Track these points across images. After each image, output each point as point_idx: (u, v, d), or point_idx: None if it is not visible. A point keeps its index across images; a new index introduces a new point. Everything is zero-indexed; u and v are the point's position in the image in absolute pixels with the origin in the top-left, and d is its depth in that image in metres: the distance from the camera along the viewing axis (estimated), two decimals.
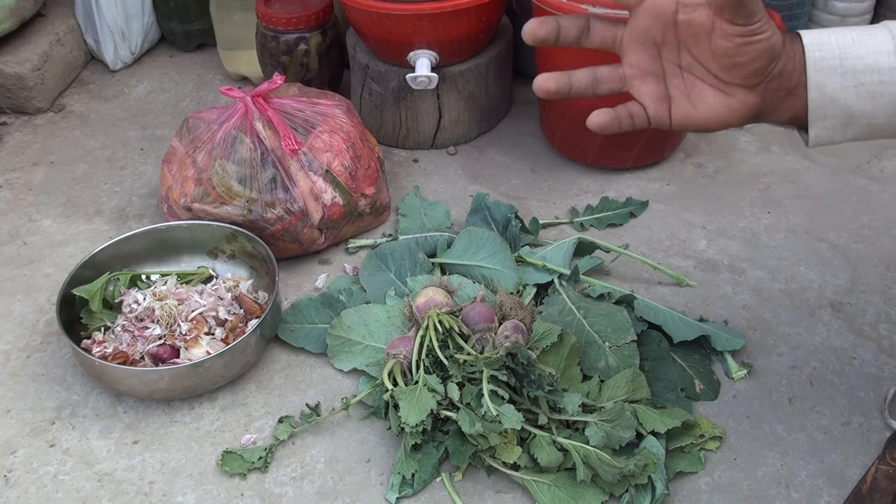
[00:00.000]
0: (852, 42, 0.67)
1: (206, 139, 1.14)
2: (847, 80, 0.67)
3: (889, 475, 0.87)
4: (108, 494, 0.91)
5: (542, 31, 0.70)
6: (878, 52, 0.67)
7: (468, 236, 1.14)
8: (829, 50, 0.67)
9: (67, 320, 1.01)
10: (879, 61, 0.67)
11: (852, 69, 0.67)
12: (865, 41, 0.67)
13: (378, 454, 0.93)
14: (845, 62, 0.67)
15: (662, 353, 0.99)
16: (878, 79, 0.67)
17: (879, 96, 0.68)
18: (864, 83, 0.67)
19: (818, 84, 0.68)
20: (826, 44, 0.67)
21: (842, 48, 0.67)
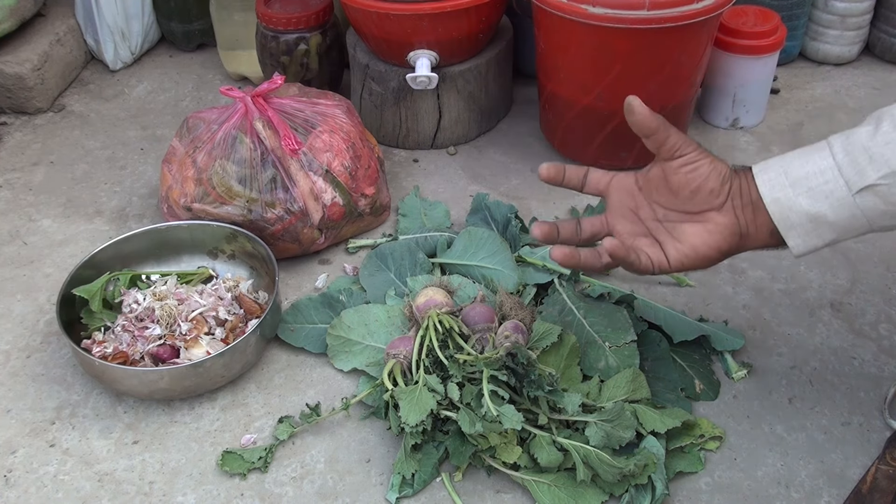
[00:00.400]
0: (793, 157, 0.76)
1: (206, 139, 1.14)
2: (797, 188, 0.75)
3: (889, 475, 0.87)
4: (108, 494, 0.91)
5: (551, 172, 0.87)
6: (818, 160, 0.75)
7: (468, 236, 1.14)
8: (774, 168, 0.77)
9: (67, 320, 1.01)
10: (821, 166, 0.74)
11: (796, 178, 0.75)
12: (806, 155, 0.76)
13: (378, 454, 0.94)
14: (790, 173, 0.76)
15: (662, 353, 0.99)
16: (822, 179, 0.74)
17: (830, 194, 0.74)
18: (812, 187, 0.74)
19: (774, 199, 0.76)
20: (770, 164, 0.77)
21: (784, 164, 0.76)
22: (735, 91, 1.39)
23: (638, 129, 0.80)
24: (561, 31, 1.21)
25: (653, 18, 1.12)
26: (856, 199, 0.73)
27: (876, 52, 1.62)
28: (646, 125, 0.79)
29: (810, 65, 1.62)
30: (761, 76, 1.39)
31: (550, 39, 1.25)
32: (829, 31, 1.57)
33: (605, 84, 1.22)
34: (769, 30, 1.35)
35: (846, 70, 1.60)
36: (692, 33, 1.18)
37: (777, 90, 1.53)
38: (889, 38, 1.58)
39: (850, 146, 0.73)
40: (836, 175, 0.73)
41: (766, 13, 1.37)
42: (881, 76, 1.58)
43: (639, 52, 1.17)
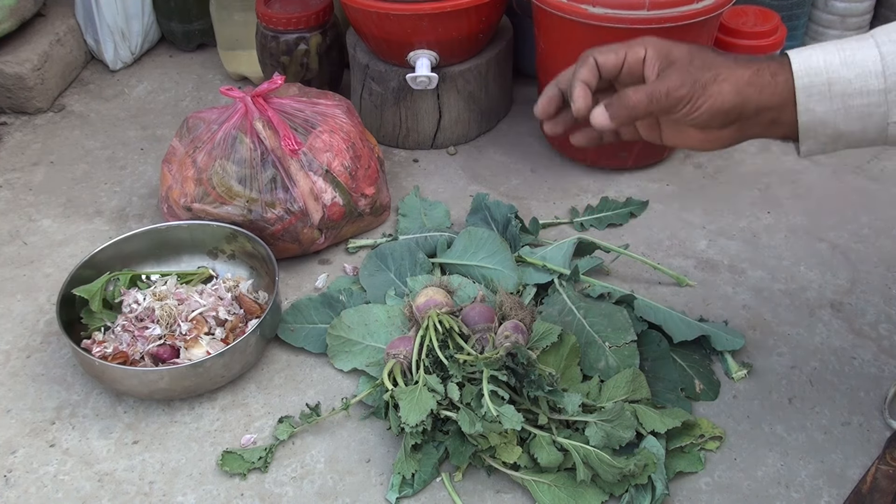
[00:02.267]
0: (840, 64, 0.69)
1: (206, 139, 1.14)
2: (836, 103, 0.69)
3: (889, 475, 0.87)
4: (108, 494, 0.91)
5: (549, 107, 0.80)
6: (866, 75, 0.69)
7: (468, 236, 1.14)
8: (818, 75, 0.70)
9: (67, 320, 1.01)
10: (868, 84, 0.69)
11: (841, 93, 0.69)
12: (854, 62, 0.69)
13: (378, 454, 0.93)
14: (834, 87, 0.69)
15: (662, 353, 0.99)
16: (866, 101, 0.69)
17: (868, 117, 0.69)
18: (853, 106, 0.69)
19: (808, 109, 0.70)
20: (814, 68, 0.70)
21: (830, 72, 0.69)
22: None
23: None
24: (561, 31, 1.21)
25: (653, 18, 1.12)
26: (889, 127, 0.70)
27: None
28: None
29: None
30: None
31: (550, 39, 1.25)
32: (829, 31, 1.57)
33: None
34: (769, 30, 1.35)
35: None
36: (692, 33, 1.18)
37: None
38: None
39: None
40: (880, 100, 0.68)
41: (766, 13, 1.37)
42: None
43: None
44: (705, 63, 0.72)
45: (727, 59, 0.72)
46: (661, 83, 0.72)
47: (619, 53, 0.74)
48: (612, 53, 0.75)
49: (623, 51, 0.74)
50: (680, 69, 0.72)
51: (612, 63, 0.75)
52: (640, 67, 0.74)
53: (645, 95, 0.72)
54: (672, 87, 0.71)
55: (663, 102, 0.72)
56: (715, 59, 0.72)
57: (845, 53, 0.69)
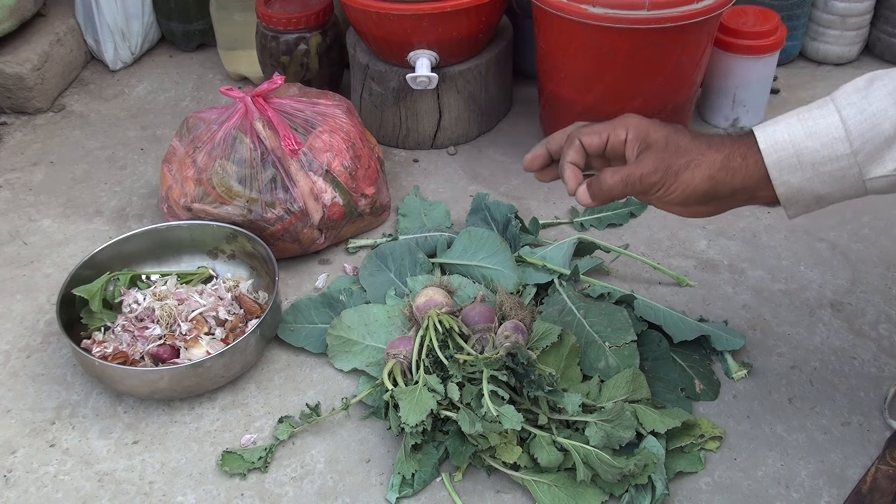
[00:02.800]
0: (805, 136, 0.72)
1: (206, 139, 1.14)
2: (808, 172, 0.73)
3: (889, 475, 0.87)
4: (108, 494, 0.91)
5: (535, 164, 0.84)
6: (831, 142, 0.72)
7: (468, 236, 1.14)
8: (785, 149, 0.73)
9: (67, 320, 1.01)
10: (835, 150, 0.72)
11: (811, 162, 0.72)
12: (817, 132, 0.72)
13: (378, 454, 0.93)
14: (803, 158, 0.73)
15: (662, 353, 0.99)
16: (836, 165, 0.72)
17: (842, 179, 0.72)
18: (826, 171, 0.72)
19: (783, 182, 0.74)
20: (780, 143, 0.73)
21: (796, 145, 0.73)
22: (735, 91, 1.39)
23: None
24: (561, 31, 1.21)
25: (653, 18, 1.12)
26: (866, 183, 0.72)
27: (876, 52, 1.62)
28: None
29: (810, 65, 1.62)
30: (761, 76, 1.39)
31: (550, 39, 1.25)
32: (829, 30, 1.57)
33: (605, 84, 1.22)
34: (769, 30, 1.35)
35: (846, 70, 1.60)
36: (692, 33, 1.18)
37: (777, 90, 1.53)
38: (889, 38, 1.58)
39: (864, 126, 0.71)
40: (850, 163, 0.71)
41: (766, 13, 1.37)
42: None
43: (639, 52, 1.17)
44: (679, 149, 0.76)
45: (700, 144, 0.76)
46: (636, 168, 0.76)
47: (602, 136, 0.79)
48: (596, 136, 0.79)
49: (606, 133, 0.79)
50: (654, 154, 0.76)
51: (595, 144, 0.80)
52: (622, 148, 0.79)
53: (620, 180, 0.76)
54: (645, 174, 0.76)
55: (637, 187, 0.76)
56: (689, 144, 0.76)
57: (807, 125, 0.73)
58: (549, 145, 0.83)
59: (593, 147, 0.80)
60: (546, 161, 0.83)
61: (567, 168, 0.80)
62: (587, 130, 0.80)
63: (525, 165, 0.84)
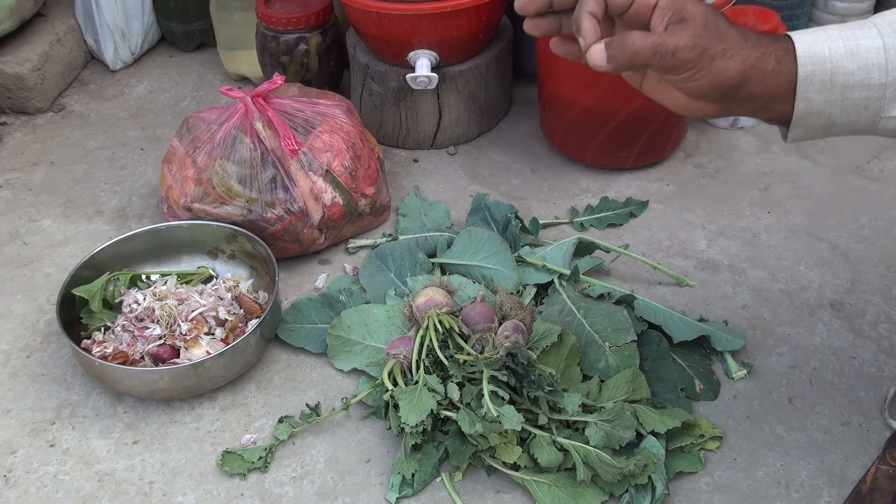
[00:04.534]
0: (846, 53, 0.67)
1: (206, 139, 1.14)
2: (835, 94, 0.68)
3: (889, 475, 0.87)
4: (108, 494, 0.91)
5: None
6: (869, 67, 0.67)
7: (468, 236, 1.14)
8: (822, 64, 0.68)
9: (67, 320, 1.01)
10: (869, 77, 0.67)
11: (842, 84, 0.68)
12: (858, 53, 0.67)
13: (378, 454, 0.93)
14: (836, 77, 0.68)
15: (662, 353, 0.99)
16: (865, 94, 0.68)
17: (863, 110, 0.69)
18: (852, 98, 0.68)
19: (806, 98, 0.69)
20: (819, 56, 0.68)
21: (834, 62, 0.68)
22: None
23: None
24: None
25: None
26: (881, 121, 0.69)
27: None
28: None
29: None
30: None
31: None
32: None
33: (605, 84, 1.22)
34: (769, 30, 1.35)
35: None
36: None
37: None
38: None
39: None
40: (879, 94, 0.67)
41: (766, 13, 1.37)
42: None
43: None
44: (719, 32, 0.67)
45: (738, 35, 0.68)
46: (670, 38, 0.66)
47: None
48: None
49: None
50: (692, 30, 0.67)
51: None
52: (647, 13, 0.68)
53: (650, 45, 0.66)
54: (681, 48, 0.66)
55: (667, 60, 0.66)
56: (728, 30, 0.68)
57: (850, 43, 0.67)
58: None
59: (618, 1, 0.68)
60: (545, 6, 0.72)
61: (585, 18, 0.67)
62: None
63: (518, 5, 0.72)
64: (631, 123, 1.26)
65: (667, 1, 0.67)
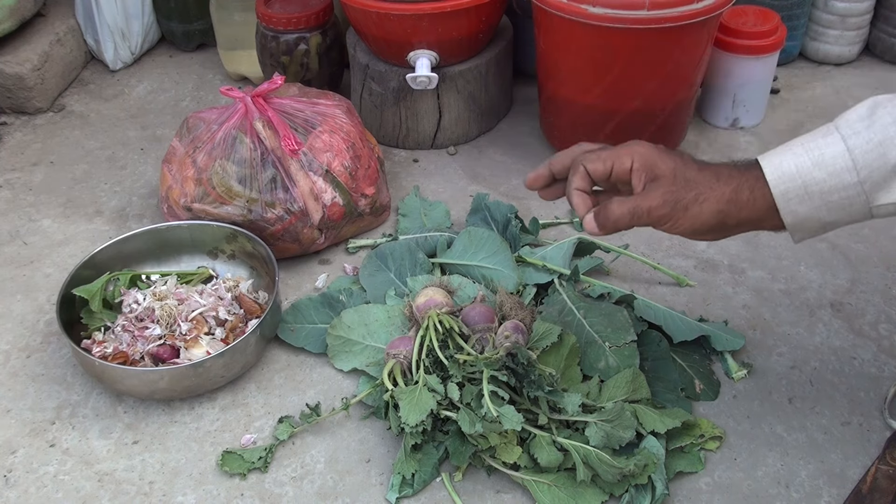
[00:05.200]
0: (812, 166, 0.73)
1: (206, 139, 1.14)
2: (815, 201, 0.73)
3: (889, 475, 0.87)
4: (108, 494, 0.91)
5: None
6: (838, 172, 0.72)
7: (468, 236, 1.14)
8: (793, 181, 0.73)
9: (67, 320, 1.01)
10: (841, 180, 0.72)
11: (818, 192, 0.73)
12: (824, 162, 0.72)
13: (378, 454, 0.94)
14: (810, 188, 0.73)
15: (662, 353, 0.99)
16: (844, 194, 0.72)
17: (849, 206, 0.73)
18: (833, 200, 0.73)
19: (790, 211, 0.74)
20: (788, 175, 0.73)
21: (804, 176, 0.73)
22: (735, 91, 1.39)
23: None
24: (561, 31, 1.21)
25: (653, 18, 1.12)
26: (872, 210, 0.73)
27: (876, 52, 1.62)
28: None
29: (810, 65, 1.62)
30: (761, 76, 1.39)
31: (550, 39, 1.25)
32: (829, 31, 1.57)
33: (605, 84, 1.22)
34: (769, 30, 1.35)
35: (846, 70, 1.60)
36: (692, 33, 1.18)
37: (777, 90, 1.53)
38: (889, 38, 1.58)
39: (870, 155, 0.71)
40: (857, 192, 0.72)
41: (766, 13, 1.37)
42: (881, 76, 1.58)
43: (639, 52, 1.17)
44: (687, 182, 0.75)
45: (708, 177, 0.76)
46: (643, 200, 0.76)
47: (607, 164, 0.78)
48: (601, 163, 0.79)
49: (611, 161, 0.78)
50: (663, 187, 0.76)
51: (600, 172, 0.79)
52: (627, 176, 0.78)
53: (627, 211, 0.76)
54: (654, 206, 0.75)
55: (644, 219, 0.76)
56: (697, 176, 0.76)
57: (814, 154, 0.73)
58: (552, 165, 0.83)
59: (598, 174, 0.79)
60: (548, 181, 0.84)
61: (575, 195, 0.80)
62: (592, 157, 0.80)
63: (527, 184, 0.85)
64: (631, 123, 1.26)
65: (639, 163, 0.77)
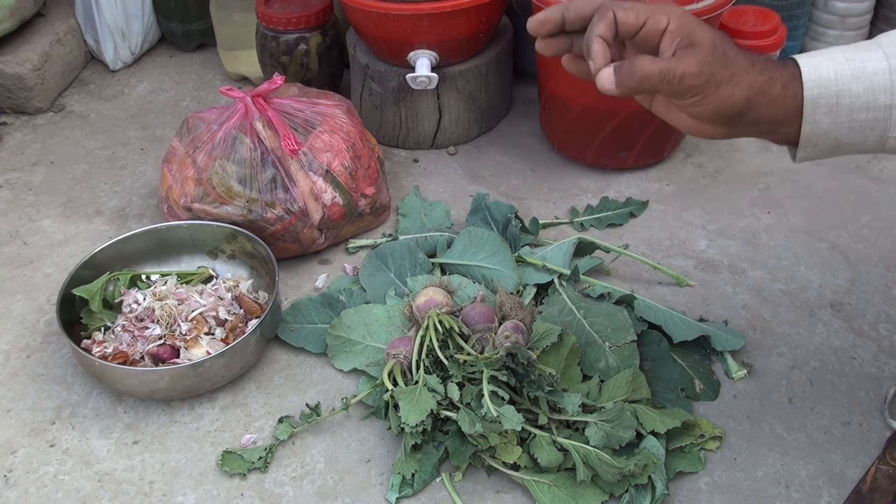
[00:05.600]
0: (851, 76, 0.68)
1: (206, 139, 1.14)
2: (841, 116, 0.69)
3: (889, 475, 0.87)
4: (108, 494, 0.91)
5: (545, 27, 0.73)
6: (875, 90, 0.68)
7: (468, 236, 1.14)
8: (827, 87, 0.68)
9: (67, 320, 1.01)
10: (875, 99, 0.68)
11: (848, 107, 0.68)
12: (864, 75, 0.68)
13: (378, 454, 0.94)
14: (842, 100, 0.68)
15: (662, 353, 0.99)
16: (871, 115, 0.68)
17: (870, 130, 0.69)
18: (858, 120, 0.69)
19: (813, 121, 0.69)
20: (825, 79, 0.69)
21: (840, 84, 0.68)
22: None
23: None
24: None
25: None
26: (888, 140, 0.69)
27: None
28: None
29: None
30: None
31: None
32: (829, 31, 1.57)
33: None
34: (769, 30, 1.35)
35: None
36: None
37: None
38: None
39: None
40: (885, 115, 0.68)
41: (766, 13, 1.37)
42: None
43: None
44: (726, 58, 0.69)
45: (745, 60, 0.69)
46: (677, 64, 0.67)
47: (640, 17, 0.69)
48: (633, 13, 0.69)
49: (644, 15, 0.69)
50: (700, 55, 0.68)
51: (631, 23, 0.69)
52: (657, 37, 0.69)
53: (658, 71, 0.67)
54: (687, 73, 0.67)
55: (674, 86, 0.68)
56: (735, 56, 0.69)
57: (855, 65, 0.68)
58: (568, 12, 0.72)
59: (627, 25, 0.69)
60: (557, 27, 0.73)
61: (596, 42, 0.69)
62: (623, 4, 0.70)
63: (531, 27, 0.74)
64: (631, 123, 1.26)
65: (676, 25, 0.69)
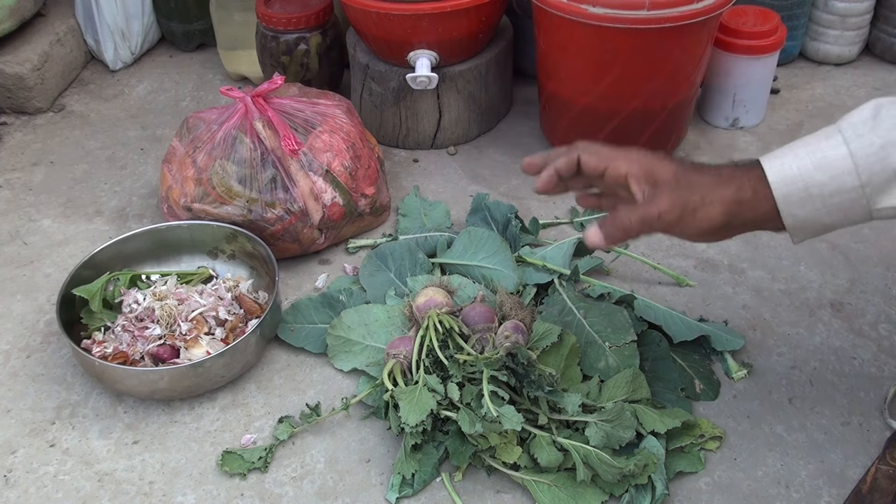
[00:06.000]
0: (814, 168, 0.72)
1: (206, 139, 1.14)
2: (816, 204, 0.72)
3: (889, 475, 0.87)
4: (108, 494, 0.91)
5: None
6: (840, 175, 0.71)
7: (468, 236, 1.14)
8: (794, 183, 0.72)
9: (67, 320, 1.01)
10: (843, 183, 0.71)
11: (819, 195, 0.72)
12: (826, 165, 0.72)
13: (378, 454, 0.94)
14: (811, 190, 0.72)
15: (662, 353, 0.99)
16: (845, 197, 0.72)
17: (850, 209, 0.72)
18: (833, 203, 0.72)
19: (791, 214, 0.73)
20: (790, 177, 0.72)
21: (805, 178, 0.72)
22: (735, 91, 1.39)
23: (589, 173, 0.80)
24: (561, 31, 1.21)
25: (653, 18, 1.12)
26: (873, 213, 0.72)
27: (876, 52, 1.62)
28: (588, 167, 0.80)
29: (810, 65, 1.62)
30: (761, 76, 1.39)
31: (550, 39, 1.25)
32: (829, 30, 1.57)
33: (605, 84, 1.22)
34: (769, 30, 1.35)
35: (846, 70, 1.60)
36: (692, 33, 1.18)
37: (777, 90, 1.53)
38: (889, 38, 1.58)
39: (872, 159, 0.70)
40: (858, 195, 0.71)
41: (766, 13, 1.37)
42: (881, 76, 1.58)
43: (639, 52, 1.17)
44: (691, 184, 0.75)
45: (710, 177, 0.75)
46: (652, 207, 0.75)
47: (601, 164, 0.78)
48: (595, 158, 0.78)
49: (605, 163, 0.78)
50: (668, 192, 0.75)
51: (592, 166, 0.79)
52: (621, 180, 0.78)
53: (638, 219, 0.75)
54: (663, 211, 0.74)
55: (655, 226, 0.75)
56: (698, 178, 0.75)
57: (816, 157, 0.72)
58: (550, 156, 0.82)
59: (589, 167, 0.79)
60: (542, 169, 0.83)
61: (547, 169, 0.80)
62: (590, 149, 0.80)
63: (523, 166, 0.85)
64: (631, 123, 1.26)
65: (636, 170, 0.77)
